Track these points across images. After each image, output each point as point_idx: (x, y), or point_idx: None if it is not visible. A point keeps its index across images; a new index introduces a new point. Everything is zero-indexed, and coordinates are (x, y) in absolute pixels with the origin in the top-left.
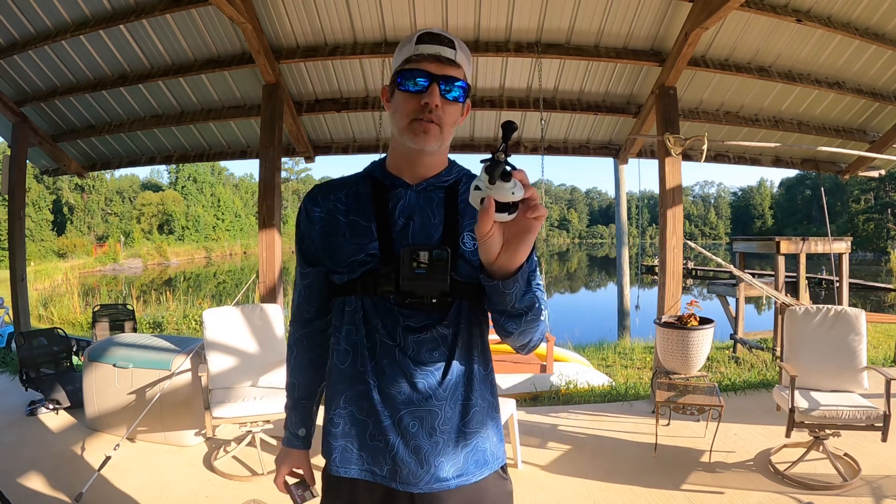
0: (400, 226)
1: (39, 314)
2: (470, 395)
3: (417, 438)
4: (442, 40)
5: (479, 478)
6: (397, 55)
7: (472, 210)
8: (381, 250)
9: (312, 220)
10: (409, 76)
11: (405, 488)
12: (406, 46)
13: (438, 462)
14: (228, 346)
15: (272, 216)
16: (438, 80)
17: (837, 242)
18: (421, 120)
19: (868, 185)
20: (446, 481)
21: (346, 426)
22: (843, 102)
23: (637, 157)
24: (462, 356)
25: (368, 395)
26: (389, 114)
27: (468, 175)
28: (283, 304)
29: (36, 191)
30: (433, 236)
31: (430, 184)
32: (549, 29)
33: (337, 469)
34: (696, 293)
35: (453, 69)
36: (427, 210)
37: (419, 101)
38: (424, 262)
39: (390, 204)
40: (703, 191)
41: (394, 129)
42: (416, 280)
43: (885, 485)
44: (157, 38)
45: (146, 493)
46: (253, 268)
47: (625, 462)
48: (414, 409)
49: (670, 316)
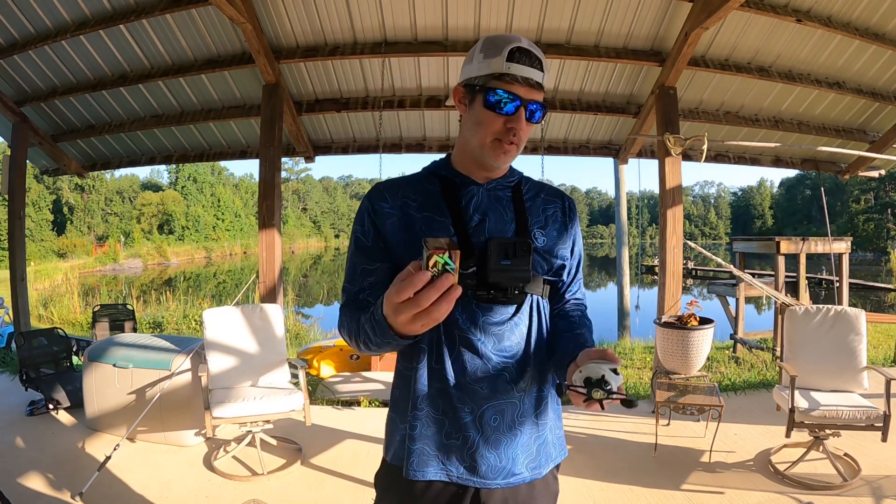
0: (476, 222)
1: (39, 314)
2: (543, 385)
3: (498, 432)
4: (533, 60)
5: (546, 471)
6: (481, 60)
7: (537, 209)
8: (460, 245)
9: (381, 214)
10: (498, 97)
11: (482, 484)
12: (495, 58)
13: (515, 455)
14: (228, 346)
15: (272, 216)
16: (527, 104)
17: (837, 242)
18: (503, 141)
19: (868, 185)
20: (520, 475)
21: (422, 428)
22: (843, 102)
23: (637, 157)
24: (536, 346)
25: (446, 392)
26: (464, 118)
27: (526, 176)
28: (283, 305)
29: (36, 191)
30: (507, 231)
31: (498, 183)
32: (549, 29)
33: (414, 473)
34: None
35: (539, 93)
36: (498, 207)
37: (505, 122)
38: (510, 254)
39: (463, 201)
40: (703, 191)
41: (470, 137)
42: (503, 271)
43: (885, 485)
44: (157, 38)
45: (146, 493)
46: (253, 268)
47: (625, 462)
48: (496, 403)
49: (670, 316)
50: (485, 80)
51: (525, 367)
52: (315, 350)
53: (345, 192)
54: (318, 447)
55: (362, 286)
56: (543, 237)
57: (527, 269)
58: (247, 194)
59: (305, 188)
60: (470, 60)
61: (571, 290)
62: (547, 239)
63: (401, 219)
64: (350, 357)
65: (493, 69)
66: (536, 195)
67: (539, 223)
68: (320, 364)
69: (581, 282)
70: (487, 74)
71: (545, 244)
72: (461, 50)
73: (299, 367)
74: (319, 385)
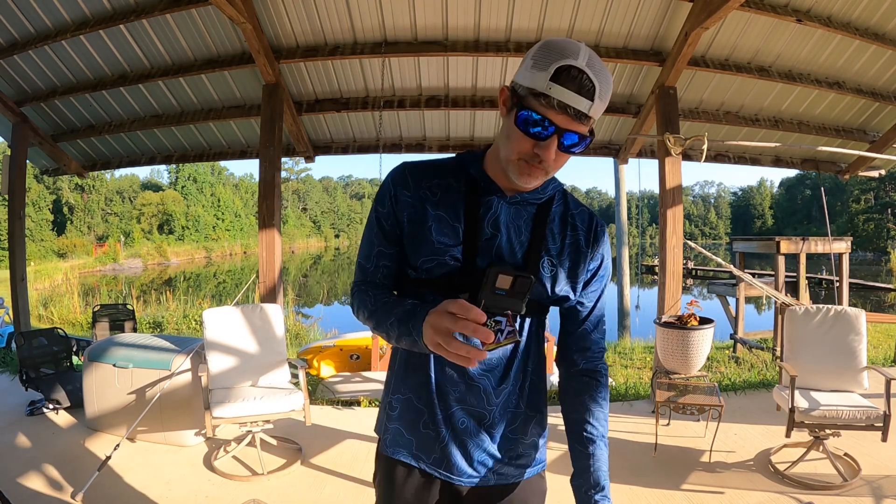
0: (487, 236)
1: (39, 314)
2: (520, 403)
3: (466, 434)
4: (582, 87)
5: (517, 480)
6: (529, 67)
7: (558, 234)
8: (464, 257)
9: (400, 202)
10: (529, 120)
11: (447, 478)
12: (541, 71)
13: (482, 459)
14: (228, 346)
15: (272, 216)
16: (562, 133)
17: (837, 242)
18: (529, 163)
19: (868, 185)
20: (485, 478)
21: (402, 411)
22: (843, 102)
23: (637, 157)
24: (520, 367)
25: (428, 385)
26: (503, 121)
27: (562, 191)
28: (283, 304)
29: (36, 191)
30: (517, 254)
31: (524, 198)
32: (549, 29)
33: (386, 449)
34: (696, 293)
35: (582, 124)
36: (516, 224)
37: (533, 147)
38: (507, 286)
39: (481, 209)
40: (703, 191)
41: (501, 146)
42: (496, 300)
43: (885, 485)
44: (157, 38)
45: (146, 493)
46: (253, 268)
47: (625, 462)
48: (466, 408)
49: (670, 316)
50: (525, 93)
51: (503, 383)
52: (315, 350)
53: (345, 192)
54: (318, 447)
55: (377, 266)
56: (552, 268)
57: (521, 301)
58: (247, 194)
59: (305, 188)
60: (523, 62)
61: (586, 331)
62: (554, 269)
63: (415, 211)
64: (350, 357)
65: (535, 84)
66: (564, 217)
67: (554, 251)
68: (320, 364)
69: (603, 325)
70: (529, 87)
71: (550, 275)
72: (461, 50)
73: (299, 367)
74: (319, 385)
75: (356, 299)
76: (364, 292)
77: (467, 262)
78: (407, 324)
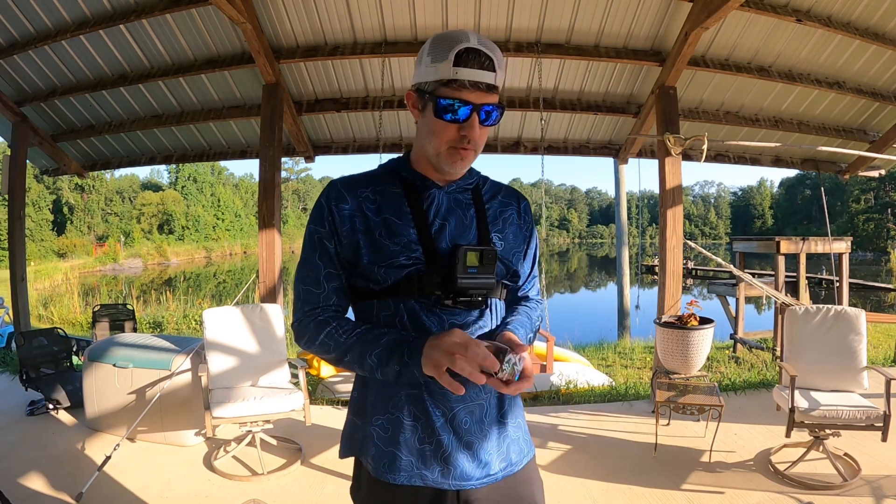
0: (437, 227)
1: (39, 314)
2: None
3: (470, 434)
4: (483, 61)
5: (520, 467)
6: (428, 64)
7: (496, 213)
8: (424, 248)
9: (343, 216)
10: (448, 106)
11: (459, 486)
12: (442, 62)
13: (489, 455)
14: (228, 346)
15: (272, 216)
16: (479, 109)
17: (837, 242)
18: (458, 147)
19: (868, 185)
20: (495, 475)
21: (395, 432)
22: (843, 102)
23: (637, 156)
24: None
25: (419, 397)
26: (418, 123)
27: (484, 177)
28: (283, 304)
29: (36, 191)
30: (469, 236)
31: (458, 185)
32: (549, 29)
33: (386, 475)
34: (696, 293)
35: (492, 95)
36: (458, 211)
37: (458, 130)
38: (476, 261)
39: (425, 204)
40: (703, 191)
41: (425, 144)
42: (470, 278)
43: (885, 485)
44: (157, 38)
45: (146, 493)
46: (253, 268)
47: (625, 462)
48: (468, 404)
49: (670, 316)
50: (434, 87)
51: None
52: None
53: None
54: (318, 447)
55: (329, 290)
56: (501, 241)
57: (492, 276)
58: (247, 194)
59: (305, 188)
60: (419, 63)
61: (525, 289)
62: (504, 243)
63: (361, 221)
64: None
65: (441, 75)
66: (493, 197)
67: (496, 227)
68: (320, 364)
69: (536, 281)
70: (436, 80)
71: (502, 249)
72: None
73: (299, 367)
74: (319, 385)
75: (310, 331)
76: (325, 323)
77: (429, 252)
78: (400, 350)
